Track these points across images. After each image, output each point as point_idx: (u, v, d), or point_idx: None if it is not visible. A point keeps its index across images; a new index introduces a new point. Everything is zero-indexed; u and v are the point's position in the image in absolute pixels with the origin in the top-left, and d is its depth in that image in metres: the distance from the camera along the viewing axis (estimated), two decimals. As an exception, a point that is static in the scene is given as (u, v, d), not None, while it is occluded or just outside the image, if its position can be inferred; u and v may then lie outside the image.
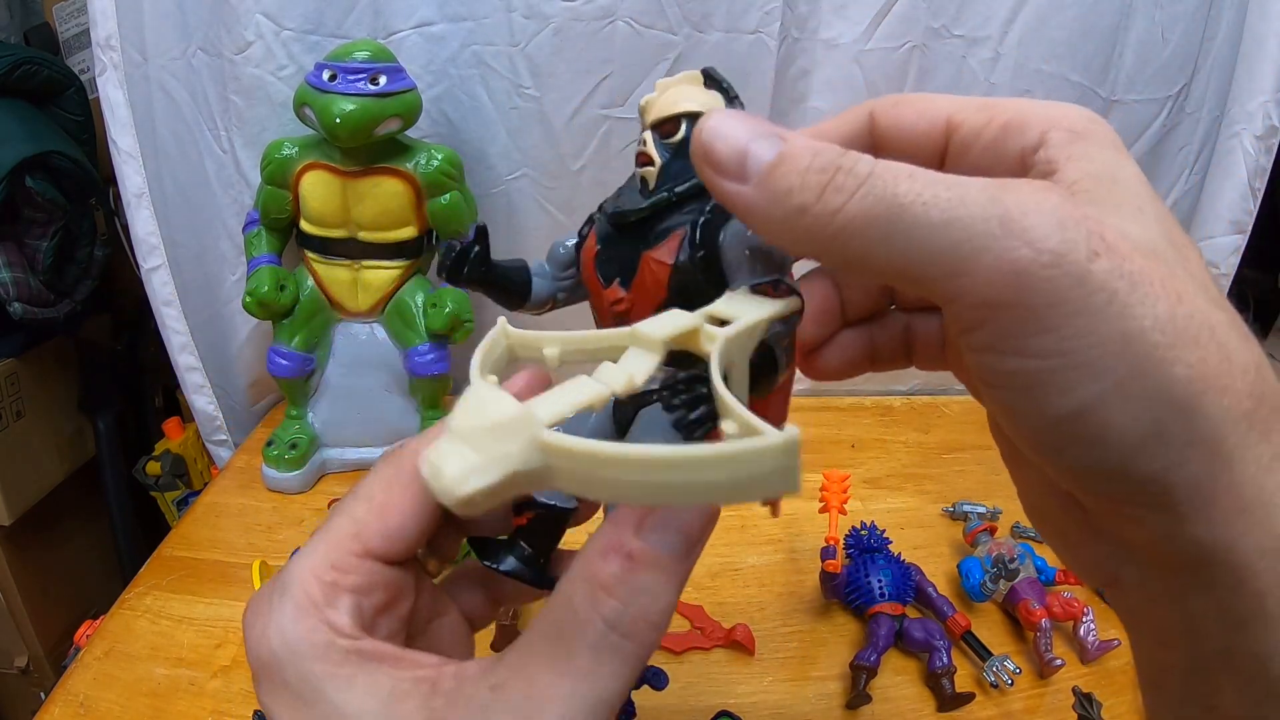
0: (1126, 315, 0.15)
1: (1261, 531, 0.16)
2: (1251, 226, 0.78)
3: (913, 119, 0.21)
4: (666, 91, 0.24)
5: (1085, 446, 0.16)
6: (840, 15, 0.67)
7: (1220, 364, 0.15)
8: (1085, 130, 0.18)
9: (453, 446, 0.14)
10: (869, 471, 0.69)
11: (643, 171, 0.24)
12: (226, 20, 0.62)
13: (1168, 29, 0.69)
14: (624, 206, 0.25)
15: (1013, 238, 0.15)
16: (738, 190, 0.18)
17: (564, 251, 0.27)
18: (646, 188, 0.24)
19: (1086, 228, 0.15)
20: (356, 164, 0.61)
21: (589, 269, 0.26)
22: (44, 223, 0.78)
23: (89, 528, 0.96)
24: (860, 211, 0.16)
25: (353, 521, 0.20)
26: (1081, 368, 0.15)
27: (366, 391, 0.68)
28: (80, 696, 0.47)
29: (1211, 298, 0.16)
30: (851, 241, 0.16)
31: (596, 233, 0.26)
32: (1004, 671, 0.48)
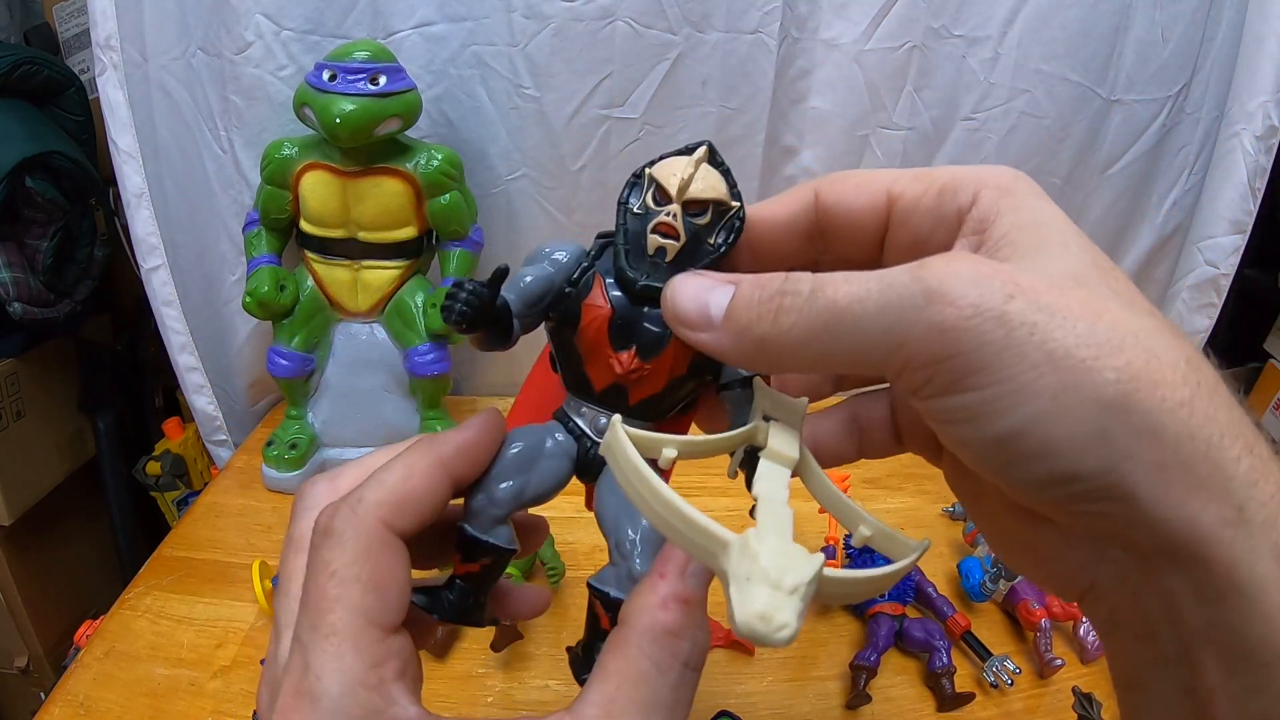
0: (1049, 339, 0.17)
1: (1221, 504, 0.17)
2: (1251, 226, 0.78)
3: (855, 194, 0.24)
4: (696, 172, 0.25)
5: (1037, 460, 0.18)
6: (840, 15, 0.67)
7: (1148, 363, 0.17)
8: (1011, 186, 0.21)
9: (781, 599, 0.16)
10: (869, 471, 0.69)
11: (664, 243, 0.25)
12: (226, 20, 0.62)
13: (1168, 29, 0.69)
14: (645, 278, 0.25)
15: (935, 304, 0.17)
16: (707, 338, 0.22)
17: (536, 289, 0.26)
18: (664, 257, 0.25)
19: (1000, 278, 0.18)
20: (356, 164, 0.61)
21: (599, 332, 0.26)
22: (44, 223, 0.78)
23: (89, 528, 0.96)
24: (809, 324, 0.19)
25: (362, 610, 0.21)
26: (1017, 392, 0.17)
27: (366, 391, 0.68)
28: (80, 696, 0.47)
29: (1138, 310, 0.18)
30: (808, 350, 0.20)
31: (607, 295, 0.26)
32: (1004, 671, 0.48)
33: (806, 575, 0.17)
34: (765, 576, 0.16)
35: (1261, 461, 0.17)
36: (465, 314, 0.24)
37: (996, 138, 0.71)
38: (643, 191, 0.26)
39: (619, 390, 0.27)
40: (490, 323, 0.25)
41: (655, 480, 0.19)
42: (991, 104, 0.70)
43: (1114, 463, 0.17)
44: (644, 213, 0.25)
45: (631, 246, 0.26)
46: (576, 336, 0.26)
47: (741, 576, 0.17)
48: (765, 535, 0.17)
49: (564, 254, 0.27)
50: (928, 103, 0.70)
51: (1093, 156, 0.74)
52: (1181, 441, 0.17)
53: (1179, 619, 0.18)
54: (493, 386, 0.81)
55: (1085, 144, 0.73)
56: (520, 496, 0.26)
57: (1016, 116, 0.71)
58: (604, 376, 0.27)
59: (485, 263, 0.71)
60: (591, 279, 0.26)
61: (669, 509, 0.19)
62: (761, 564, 0.17)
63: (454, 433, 0.25)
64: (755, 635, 0.16)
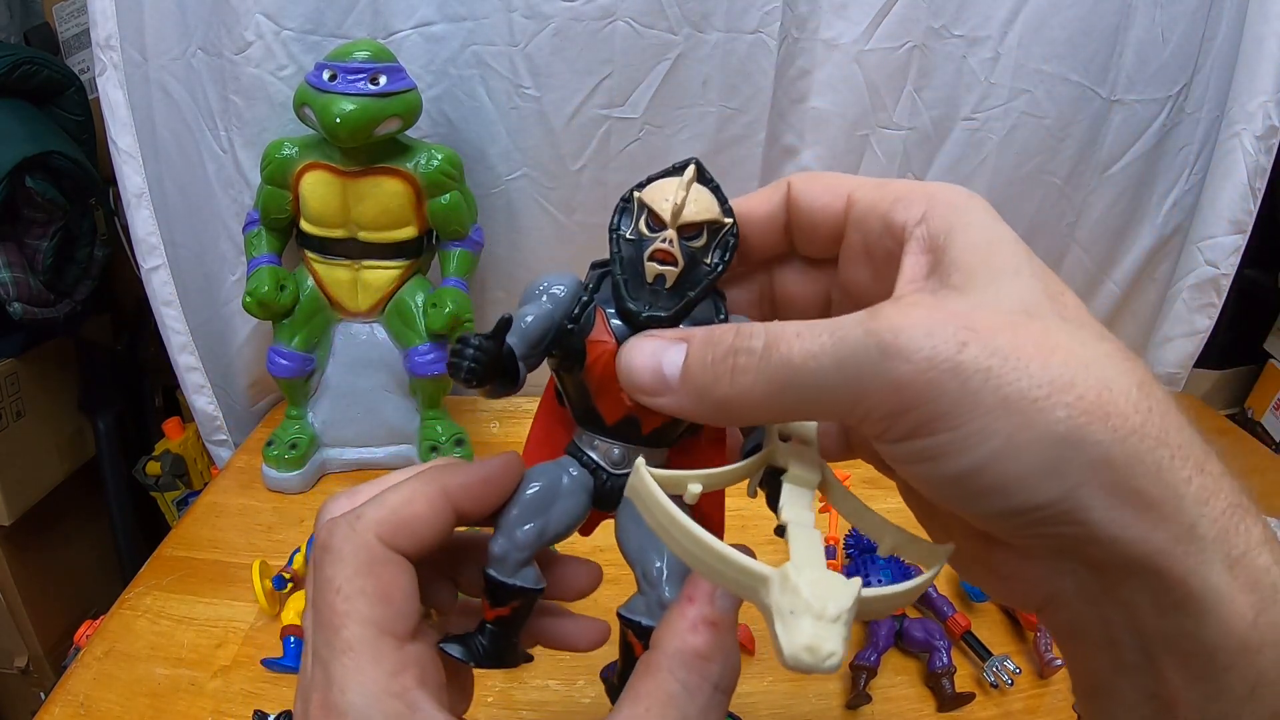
0: (1003, 384, 0.17)
1: (1173, 523, 0.17)
2: (1251, 226, 0.78)
3: (820, 193, 0.24)
4: (689, 194, 0.25)
5: (994, 494, 0.18)
6: (840, 15, 0.66)
7: (1099, 395, 0.17)
8: (963, 204, 0.21)
9: (825, 629, 0.17)
10: (869, 471, 0.68)
11: (663, 270, 0.25)
12: (226, 20, 0.62)
13: (1168, 29, 0.69)
14: (647, 309, 0.25)
15: (890, 359, 0.18)
16: (667, 402, 0.22)
17: (537, 329, 0.26)
18: (664, 284, 0.25)
19: (953, 325, 0.18)
20: (356, 164, 0.61)
21: (606, 368, 0.26)
22: (44, 223, 0.78)
23: (89, 528, 0.96)
24: (767, 383, 0.20)
25: (373, 621, 0.22)
26: (973, 435, 0.18)
27: (366, 391, 0.68)
28: (80, 696, 0.47)
29: (1089, 338, 0.19)
30: (769, 407, 0.20)
31: (610, 330, 0.26)
32: (1004, 671, 0.48)
33: (847, 602, 0.17)
34: (809, 608, 0.17)
35: (1212, 479, 0.18)
36: (474, 370, 0.24)
37: (997, 138, 0.71)
38: (633, 217, 0.26)
39: (631, 421, 0.27)
40: (498, 374, 0.25)
41: (689, 523, 0.19)
42: (992, 104, 0.70)
43: (1067, 491, 0.17)
44: (638, 239, 0.25)
45: (629, 275, 0.25)
46: (583, 373, 0.26)
47: (785, 610, 0.17)
48: (802, 566, 0.18)
49: (561, 288, 0.26)
50: (928, 103, 0.70)
51: (1093, 156, 0.74)
52: (1133, 466, 0.17)
53: (1139, 627, 0.19)
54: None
55: (1085, 144, 0.73)
56: (542, 537, 0.27)
57: (1017, 116, 0.71)
58: (615, 410, 0.27)
59: (485, 262, 0.71)
60: (593, 314, 0.26)
61: (705, 550, 0.19)
62: (804, 596, 0.17)
63: (468, 467, 0.25)
64: (803, 666, 0.17)
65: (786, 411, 0.21)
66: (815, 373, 0.19)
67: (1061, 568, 0.20)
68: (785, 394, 0.20)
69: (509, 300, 0.76)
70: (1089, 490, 0.17)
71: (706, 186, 0.26)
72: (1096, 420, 0.17)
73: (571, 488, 0.27)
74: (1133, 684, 0.20)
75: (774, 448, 0.25)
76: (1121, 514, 0.17)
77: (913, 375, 0.18)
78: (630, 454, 0.27)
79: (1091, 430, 0.17)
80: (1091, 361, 0.18)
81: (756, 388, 0.20)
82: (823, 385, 0.19)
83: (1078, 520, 0.18)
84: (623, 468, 0.28)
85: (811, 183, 0.25)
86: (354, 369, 0.68)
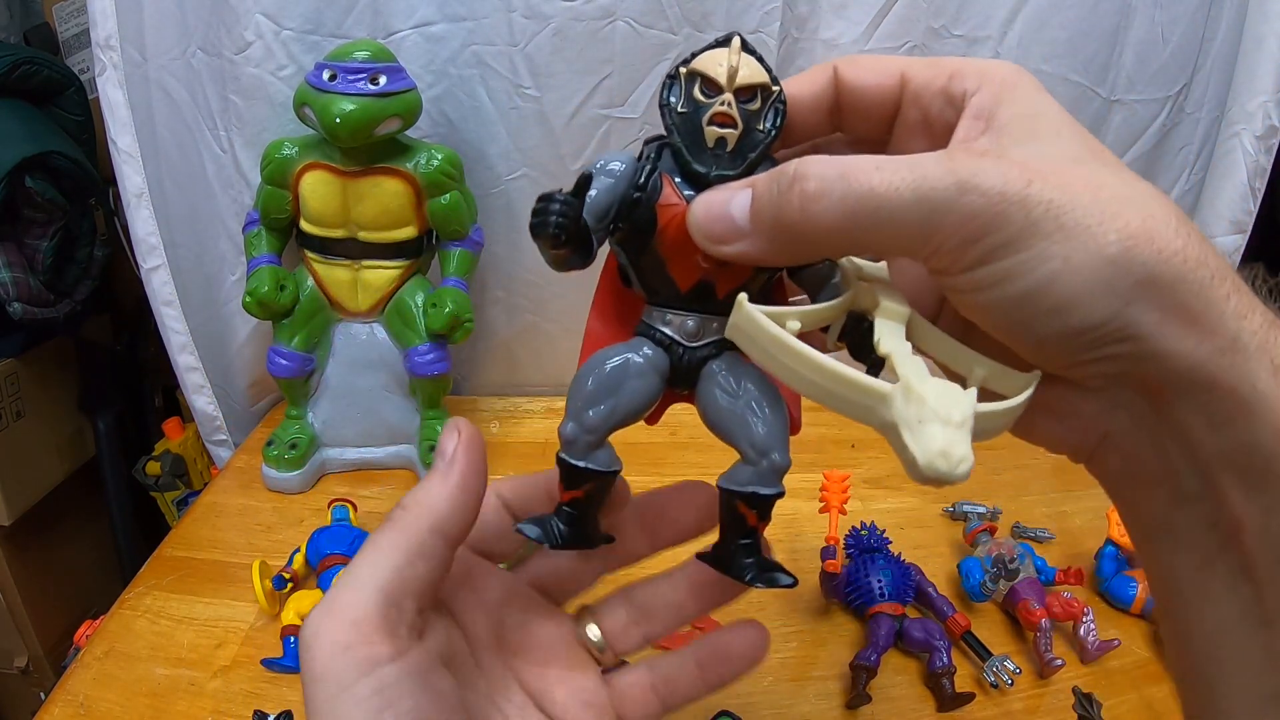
0: (1061, 213, 0.19)
1: (1217, 335, 0.19)
2: (1251, 226, 0.78)
3: (870, 73, 0.25)
4: (739, 59, 0.25)
5: (1053, 314, 0.20)
6: (840, 15, 0.67)
7: (1144, 223, 0.19)
8: (1013, 80, 0.23)
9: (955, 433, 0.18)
10: (869, 471, 0.69)
11: (724, 133, 0.25)
12: (226, 20, 0.62)
13: (1168, 29, 0.69)
14: (715, 169, 0.25)
15: (967, 193, 0.19)
16: (741, 246, 0.23)
17: (603, 201, 0.26)
18: (725, 147, 0.25)
19: (1020, 168, 0.20)
20: (356, 164, 0.61)
21: (680, 229, 0.25)
22: (44, 223, 0.78)
23: (89, 528, 0.96)
24: (841, 211, 0.20)
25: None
26: (1034, 258, 0.19)
27: (366, 391, 0.68)
28: (80, 696, 0.47)
29: (1130, 180, 0.21)
30: (840, 236, 0.21)
31: (680, 193, 0.25)
32: (1004, 671, 0.48)
33: (970, 407, 0.18)
34: (936, 415, 0.18)
35: (1248, 298, 0.20)
36: (562, 225, 0.23)
37: (996, 138, 0.71)
38: (682, 90, 0.26)
39: (706, 288, 0.26)
40: (580, 236, 0.25)
41: (804, 349, 0.20)
42: (991, 104, 0.70)
43: (1119, 309, 0.19)
44: (693, 108, 0.25)
45: (689, 143, 0.25)
46: (655, 240, 0.26)
47: (913, 420, 0.18)
48: (920, 376, 0.18)
49: (620, 164, 0.26)
50: (928, 103, 0.70)
51: (1093, 156, 0.74)
52: (1177, 285, 0.19)
53: (1195, 450, 0.20)
54: (492, 386, 0.81)
55: (1085, 144, 0.73)
56: (611, 418, 0.26)
57: (1016, 116, 0.71)
58: (690, 275, 0.26)
59: (485, 262, 0.71)
60: (659, 180, 0.26)
61: (822, 373, 0.19)
62: (930, 404, 0.18)
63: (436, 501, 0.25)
64: (938, 473, 0.18)
65: (858, 242, 0.21)
66: (894, 205, 0.20)
67: (1118, 399, 0.22)
68: (860, 223, 0.20)
69: (509, 300, 0.76)
70: (1140, 307, 0.19)
71: (752, 55, 0.26)
72: (1143, 243, 0.19)
73: (642, 369, 0.27)
74: (1193, 516, 0.21)
75: (858, 289, 0.24)
76: (1171, 328, 0.19)
77: (984, 206, 0.19)
78: (705, 324, 0.27)
79: (1139, 252, 0.19)
80: (1134, 197, 0.20)
81: (828, 214, 0.21)
82: (899, 218, 0.20)
83: (1130, 336, 0.19)
84: (699, 339, 0.27)
85: (859, 64, 0.26)
86: (354, 369, 0.68)
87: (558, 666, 0.29)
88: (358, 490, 0.66)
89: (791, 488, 0.26)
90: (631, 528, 0.30)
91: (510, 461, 0.69)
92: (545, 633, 0.30)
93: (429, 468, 0.70)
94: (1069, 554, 0.61)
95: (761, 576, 0.27)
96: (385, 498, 0.65)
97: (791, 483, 0.26)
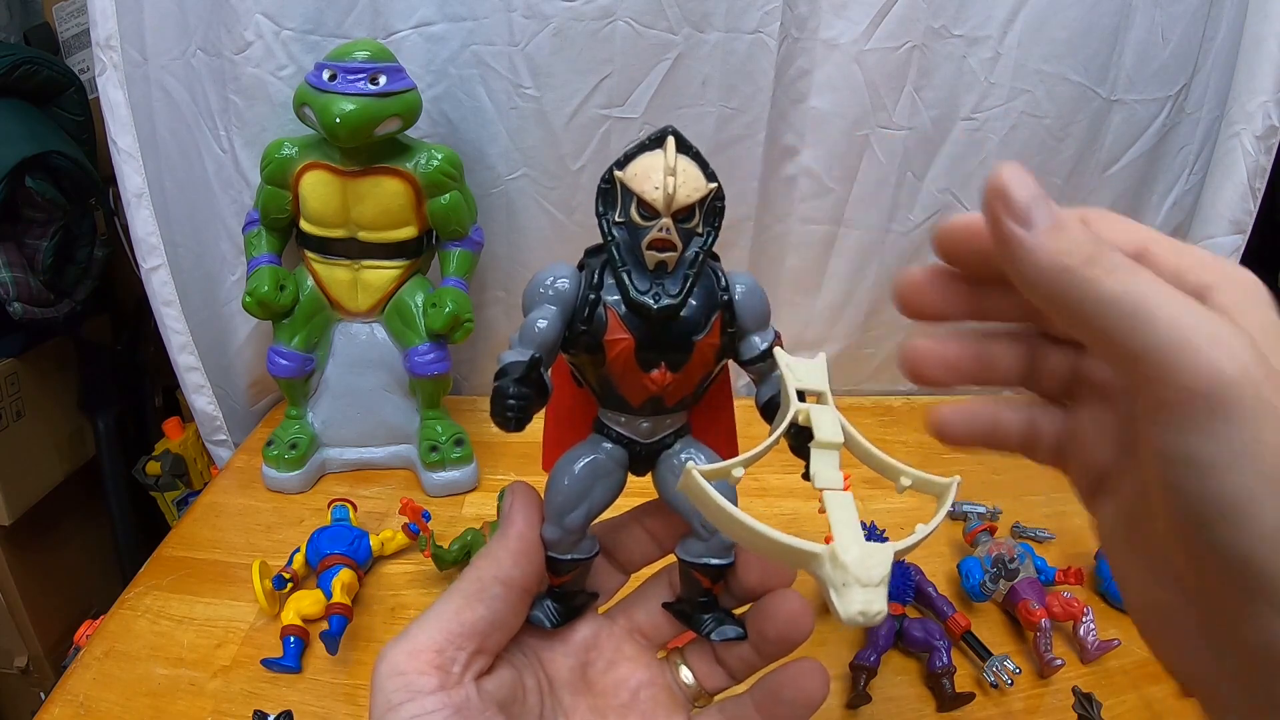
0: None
1: None
2: (1251, 226, 0.78)
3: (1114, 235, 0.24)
4: (677, 173, 0.25)
5: (1229, 526, 0.19)
6: (840, 15, 0.67)
7: None
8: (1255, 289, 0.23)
9: (873, 593, 0.20)
10: (869, 471, 0.68)
11: (663, 257, 0.25)
12: (226, 20, 0.62)
13: (1168, 29, 0.69)
14: (657, 300, 0.25)
15: (1218, 350, 0.19)
16: (1021, 233, 0.22)
17: (553, 334, 0.26)
18: (664, 271, 0.26)
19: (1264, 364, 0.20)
20: (356, 164, 0.61)
21: (627, 361, 0.26)
22: (44, 223, 0.78)
23: (89, 528, 0.96)
24: (1113, 291, 0.20)
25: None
26: (1245, 458, 0.19)
27: (366, 391, 0.68)
28: (80, 696, 0.47)
29: None
30: (1094, 309, 0.21)
31: (624, 324, 0.26)
32: (1004, 671, 0.48)
33: (886, 567, 0.21)
34: (857, 580, 0.20)
35: None
36: (521, 420, 0.25)
37: (997, 138, 0.71)
38: (618, 200, 0.26)
39: (656, 401, 0.27)
40: (542, 394, 0.26)
41: (745, 518, 0.21)
42: (992, 104, 0.70)
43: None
44: (630, 230, 0.25)
45: (631, 265, 0.25)
46: (604, 367, 0.27)
47: (838, 583, 0.20)
48: (846, 542, 0.21)
49: (564, 280, 0.26)
50: (928, 103, 0.70)
51: (1093, 156, 0.74)
52: None
53: None
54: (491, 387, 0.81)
55: (1085, 144, 0.73)
56: (587, 517, 0.28)
57: (1017, 116, 0.71)
58: (639, 395, 0.27)
59: (485, 262, 0.71)
60: (604, 313, 0.26)
61: (762, 540, 0.21)
62: (853, 571, 0.20)
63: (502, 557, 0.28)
64: (858, 625, 0.20)
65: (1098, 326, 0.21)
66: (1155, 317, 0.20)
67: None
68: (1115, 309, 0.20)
69: (509, 300, 0.76)
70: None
71: (687, 156, 0.26)
72: None
73: (608, 466, 0.28)
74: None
75: (795, 411, 0.25)
76: None
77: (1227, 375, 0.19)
78: (658, 423, 0.28)
79: None
80: None
81: (1104, 285, 0.20)
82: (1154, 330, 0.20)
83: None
84: (653, 437, 0.29)
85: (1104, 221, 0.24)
86: (354, 369, 0.68)
87: (639, 711, 0.30)
88: (357, 490, 0.66)
89: (792, 488, 0.27)
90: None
91: (510, 461, 0.69)
92: (633, 677, 0.31)
93: (428, 467, 0.70)
94: (1069, 554, 0.60)
95: (716, 630, 0.30)
96: (385, 498, 0.65)
97: (792, 483, 0.27)
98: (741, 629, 0.30)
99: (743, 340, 0.28)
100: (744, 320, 0.28)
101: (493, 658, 0.28)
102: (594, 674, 0.31)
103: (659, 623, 0.32)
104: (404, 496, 0.59)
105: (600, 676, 0.31)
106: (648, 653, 0.32)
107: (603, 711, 0.30)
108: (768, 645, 0.30)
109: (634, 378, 0.26)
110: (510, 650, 0.29)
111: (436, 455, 0.65)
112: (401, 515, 0.57)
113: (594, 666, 0.31)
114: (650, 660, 0.32)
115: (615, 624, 0.32)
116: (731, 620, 0.30)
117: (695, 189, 0.25)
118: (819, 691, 0.29)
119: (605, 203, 0.26)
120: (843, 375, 0.83)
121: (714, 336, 0.27)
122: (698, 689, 0.31)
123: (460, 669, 0.26)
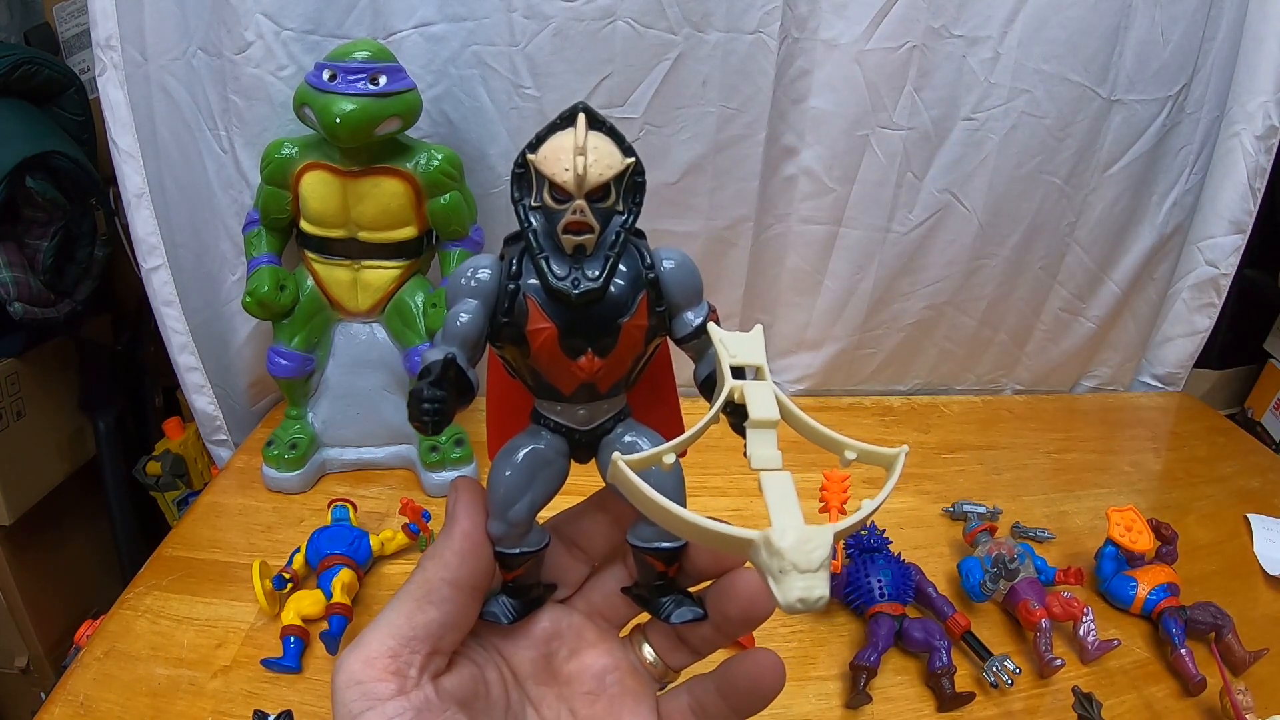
0: None
1: None
2: (1251, 226, 0.78)
3: None
4: (587, 152, 0.24)
5: None
6: (840, 15, 0.67)
7: None
8: None
9: (812, 578, 0.19)
10: (869, 471, 0.68)
11: (580, 240, 0.25)
12: (226, 20, 0.62)
13: (1168, 29, 0.69)
14: (577, 286, 0.25)
15: None
16: None
17: (475, 329, 0.25)
18: (584, 252, 0.25)
19: None
20: (356, 164, 0.61)
21: (552, 350, 0.26)
22: (44, 223, 0.78)
23: (89, 528, 0.96)
24: None
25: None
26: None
27: (366, 391, 0.68)
28: (80, 696, 0.47)
29: None
30: None
31: (545, 312, 0.25)
32: (1004, 671, 0.48)
33: (826, 550, 0.19)
34: (795, 566, 0.19)
35: None
36: (438, 422, 0.24)
37: (997, 137, 0.71)
38: (532, 185, 0.25)
39: (589, 388, 0.27)
40: (459, 405, 0.25)
41: (674, 507, 0.21)
42: (992, 104, 0.70)
43: None
44: (547, 211, 0.25)
45: (549, 251, 0.25)
46: (530, 358, 0.26)
47: (775, 570, 0.19)
48: (782, 526, 0.19)
49: (484, 271, 0.26)
50: (928, 103, 0.70)
51: (1093, 156, 0.74)
52: None
53: None
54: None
55: (1085, 144, 0.73)
56: (532, 510, 0.28)
57: (1017, 116, 0.71)
58: (570, 383, 0.27)
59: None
60: (524, 302, 0.25)
61: (695, 529, 0.21)
62: (789, 558, 0.19)
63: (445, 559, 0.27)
64: (799, 612, 0.19)
65: None
66: None
67: None
68: None
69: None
70: None
71: (600, 131, 0.25)
72: None
73: (548, 455, 0.28)
74: None
75: (730, 388, 0.24)
76: None
77: None
78: (595, 409, 0.28)
79: None
80: None
81: None
82: None
83: None
84: (591, 423, 0.28)
85: None
86: (354, 369, 0.68)
87: (607, 697, 0.30)
88: (358, 490, 0.66)
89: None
90: None
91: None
92: (598, 662, 0.31)
93: (429, 467, 0.70)
94: (1069, 554, 0.61)
95: (675, 613, 0.29)
96: (385, 498, 0.65)
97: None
98: (701, 609, 0.29)
99: (674, 318, 0.27)
100: (673, 297, 0.27)
101: (449, 657, 0.27)
102: (558, 663, 0.30)
103: (617, 604, 0.31)
104: (404, 496, 0.59)
105: (564, 665, 0.30)
106: (610, 636, 0.32)
107: (570, 699, 0.30)
108: (730, 625, 0.30)
109: (561, 366, 0.26)
110: (469, 646, 0.29)
111: (436, 455, 0.65)
112: (401, 515, 0.57)
113: (558, 656, 0.30)
114: (613, 644, 0.31)
115: (574, 610, 0.31)
116: (690, 600, 0.29)
117: (608, 166, 0.24)
118: (775, 682, 0.29)
119: (520, 188, 0.25)
120: (843, 375, 0.83)
121: (641, 318, 0.26)
122: (663, 668, 0.31)
123: (417, 671, 0.26)
